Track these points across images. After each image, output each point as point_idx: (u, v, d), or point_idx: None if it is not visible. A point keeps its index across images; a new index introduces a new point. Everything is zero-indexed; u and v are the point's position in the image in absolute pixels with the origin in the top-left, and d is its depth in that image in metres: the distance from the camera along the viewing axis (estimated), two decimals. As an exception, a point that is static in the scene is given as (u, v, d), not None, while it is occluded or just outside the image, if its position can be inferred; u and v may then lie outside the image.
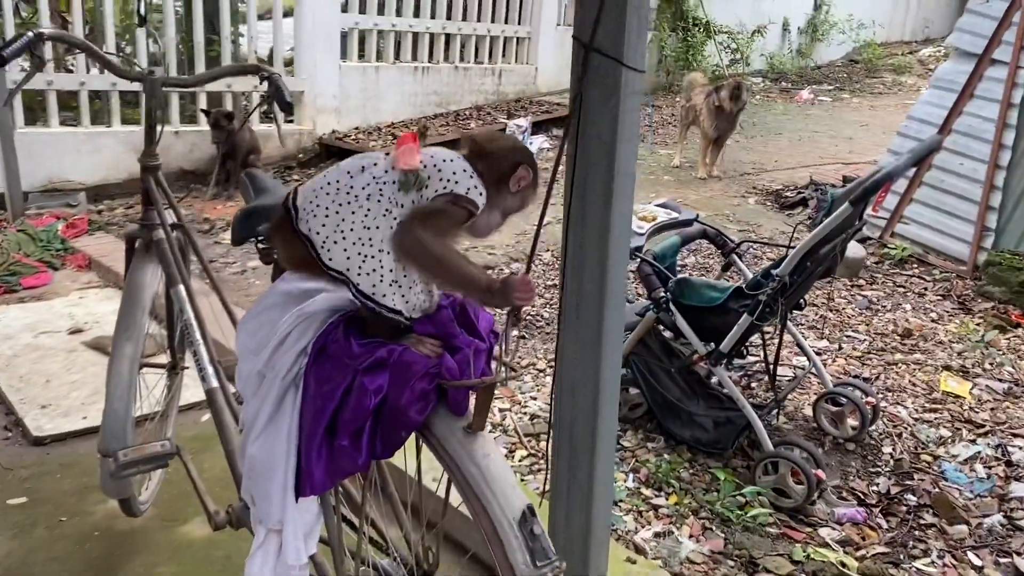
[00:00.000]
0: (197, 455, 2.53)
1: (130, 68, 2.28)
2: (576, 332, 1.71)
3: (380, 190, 1.39)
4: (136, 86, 2.35)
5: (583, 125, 1.57)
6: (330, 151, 7.03)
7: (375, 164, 1.42)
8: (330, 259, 1.41)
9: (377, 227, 1.38)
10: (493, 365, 1.52)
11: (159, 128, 2.23)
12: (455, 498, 1.49)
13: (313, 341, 1.46)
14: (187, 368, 2.47)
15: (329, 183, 1.42)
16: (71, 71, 5.83)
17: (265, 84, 2.15)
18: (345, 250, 1.40)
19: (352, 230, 1.39)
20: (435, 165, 1.40)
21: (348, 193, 1.40)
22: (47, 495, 2.66)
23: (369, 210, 1.39)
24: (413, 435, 1.46)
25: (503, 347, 1.45)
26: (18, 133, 5.42)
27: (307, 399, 1.44)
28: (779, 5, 12.96)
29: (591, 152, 1.58)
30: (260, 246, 1.91)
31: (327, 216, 1.40)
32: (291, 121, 6.99)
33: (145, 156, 2.25)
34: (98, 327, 3.70)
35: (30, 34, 2.05)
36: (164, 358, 2.57)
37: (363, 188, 1.39)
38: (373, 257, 1.39)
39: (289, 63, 7.27)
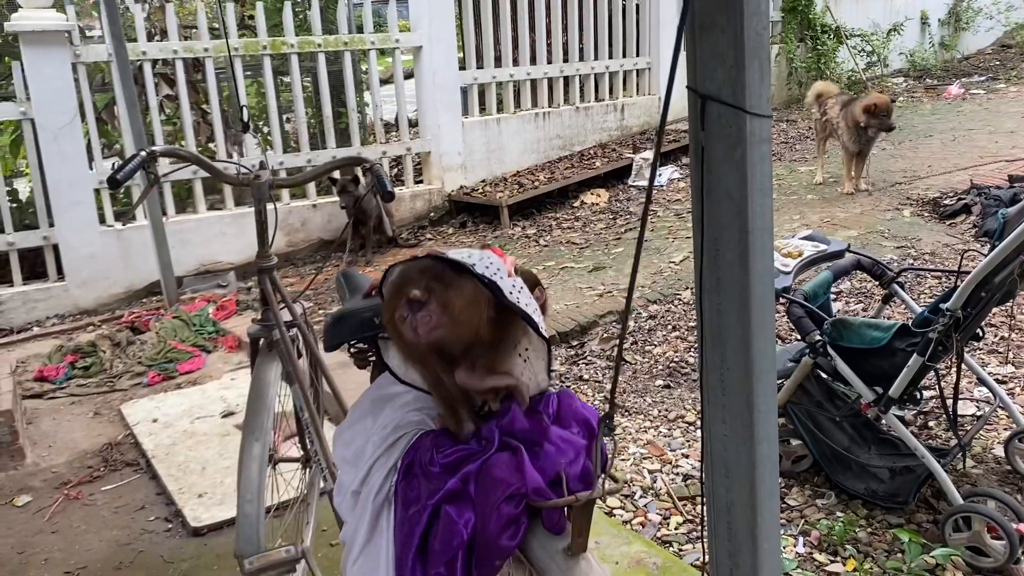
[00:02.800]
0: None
1: (238, 174, 2.30)
2: (723, 408, 1.54)
3: None
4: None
5: (707, 182, 1.43)
6: (459, 207, 7.10)
7: None
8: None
9: None
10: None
11: (271, 229, 2.23)
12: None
13: (402, 457, 1.43)
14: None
15: None
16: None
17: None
18: None
19: None
20: None
21: None
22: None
23: None
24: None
25: (597, 457, 1.28)
26: (171, 222, 5.75)
27: (397, 522, 1.40)
28: (914, -1, 12.23)
29: (720, 212, 1.42)
30: (352, 351, 1.84)
31: None
32: (420, 182, 7.12)
33: (259, 258, 2.27)
34: (249, 409, 3.79)
35: (143, 153, 2.12)
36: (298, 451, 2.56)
37: None
38: None
39: (414, 124, 7.42)
